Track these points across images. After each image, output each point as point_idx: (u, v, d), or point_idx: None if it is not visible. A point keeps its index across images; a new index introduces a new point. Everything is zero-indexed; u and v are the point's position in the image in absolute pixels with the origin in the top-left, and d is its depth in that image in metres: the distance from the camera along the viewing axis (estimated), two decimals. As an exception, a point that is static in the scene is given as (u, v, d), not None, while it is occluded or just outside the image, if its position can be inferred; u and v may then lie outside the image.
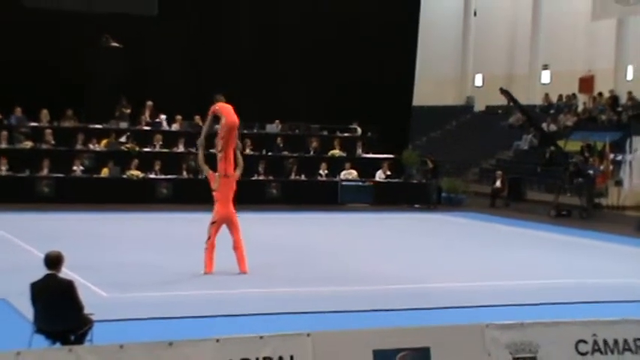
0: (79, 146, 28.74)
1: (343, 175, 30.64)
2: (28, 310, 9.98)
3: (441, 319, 12.04)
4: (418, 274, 16.57)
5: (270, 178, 29.52)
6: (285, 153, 31.06)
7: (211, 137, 16.84)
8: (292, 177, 30.10)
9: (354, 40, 34.97)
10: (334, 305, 13.27)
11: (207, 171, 15.88)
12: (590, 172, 30.00)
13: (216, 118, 16.08)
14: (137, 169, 28.25)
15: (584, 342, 9.24)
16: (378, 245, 20.88)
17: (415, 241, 22.15)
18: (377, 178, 31.01)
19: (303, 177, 30.30)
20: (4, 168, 26.92)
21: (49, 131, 28.54)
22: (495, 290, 15.14)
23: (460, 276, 16.50)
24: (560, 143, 33.61)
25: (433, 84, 46.17)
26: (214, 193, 15.48)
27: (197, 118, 29.32)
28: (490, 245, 21.60)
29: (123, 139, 29.57)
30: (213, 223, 15.39)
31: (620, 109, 37.93)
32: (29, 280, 9.53)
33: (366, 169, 31.11)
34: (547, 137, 33.48)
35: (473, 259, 18.84)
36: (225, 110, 15.68)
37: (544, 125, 39.11)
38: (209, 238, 15.33)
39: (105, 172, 28.09)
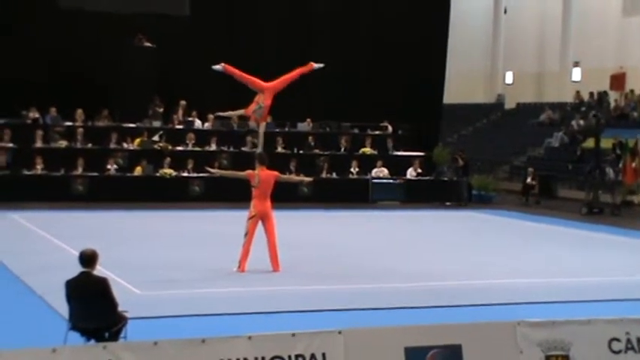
0: (112, 145, 28.94)
1: (374, 172, 30.64)
2: (63, 308, 10.10)
3: (473, 316, 12.07)
4: (449, 271, 16.57)
5: (302, 176, 29.57)
6: (317, 151, 31.11)
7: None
8: (323, 175, 30.14)
9: (384, 38, 34.95)
10: (366, 302, 13.31)
11: (244, 174, 15.94)
12: (603, 166, 30.07)
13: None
14: (170, 167, 28.44)
15: (617, 340, 9.20)
16: (409, 242, 20.89)
17: (446, 238, 22.10)
18: (408, 176, 30.99)
19: (334, 175, 30.35)
20: (39, 167, 27.16)
21: (80, 130, 28.77)
22: (527, 288, 15.11)
23: (491, 273, 16.49)
24: (591, 141, 33.44)
25: (464, 82, 46.03)
26: (253, 190, 15.55)
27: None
28: (521, 243, 21.54)
29: (156, 137, 29.75)
30: (251, 217, 15.46)
31: (652, 105, 37.69)
32: (64, 277, 9.62)
33: (397, 166, 31.06)
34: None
35: (504, 257, 18.80)
36: None
37: (573, 122, 38.94)
38: (246, 234, 15.41)
39: (138, 171, 28.28)
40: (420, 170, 31.22)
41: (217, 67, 17.24)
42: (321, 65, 17.56)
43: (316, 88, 32.71)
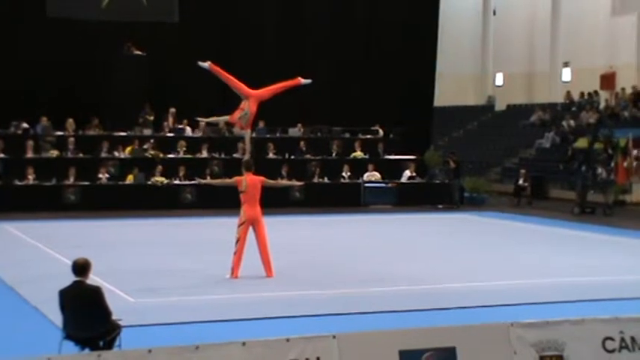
0: (103, 154, 28.93)
1: (366, 177, 30.64)
2: (57, 317, 10.08)
3: (466, 318, 12.07)
4: (443, 273, 16.57)
5: (294, 181, 29.56)
6: (308, 156, 31.11)
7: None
8: (315, 180, 30.14)
9: (374, 41, 35.01)
10: (359, 306, 13.30)
11: (232, 181, 15.95)
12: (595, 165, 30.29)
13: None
14: (161, 175, 28.43)
15: (611, 339, 9.20)
16: (402, 246, 20.90)
17: (439, 241, 22.12)
18: (403, 179, 30.97)
19: (326, 180, 30.34)
20: (30, 177, 27.11)
21: (71, 140, 28.73)
22: (520, 289, 15.12)
23: (484, 275, 16.51)
24: (583, 141, 33.53)
25: (454, 84, 46.08)
26: (241, 195, 15.56)
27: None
28: (514, 244, 21.56)
29: (147, 146, 29.74)
30: (241, 224, 15.45)
31: (642, 104, 37.71)
32: (58, 287, 9.63)
33: (389, 170, 31.07)
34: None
35: (497, 258, 18.82)
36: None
37: (564, 123, 38.97)
38: (238, 240, 15.41)
39: (130, 179, 28.25)
40: (414, 173, 31.22)
41: (204, 64, 17.22)
42: (309, 81, 17.56)
43: (307, 94, 32.65)
